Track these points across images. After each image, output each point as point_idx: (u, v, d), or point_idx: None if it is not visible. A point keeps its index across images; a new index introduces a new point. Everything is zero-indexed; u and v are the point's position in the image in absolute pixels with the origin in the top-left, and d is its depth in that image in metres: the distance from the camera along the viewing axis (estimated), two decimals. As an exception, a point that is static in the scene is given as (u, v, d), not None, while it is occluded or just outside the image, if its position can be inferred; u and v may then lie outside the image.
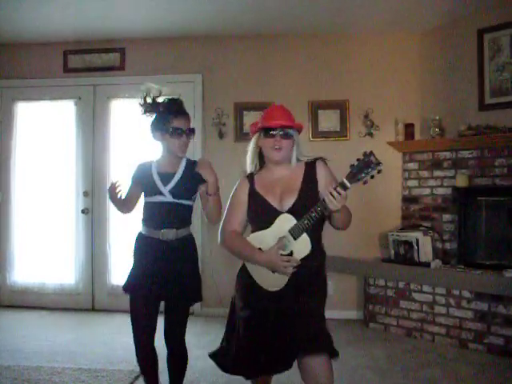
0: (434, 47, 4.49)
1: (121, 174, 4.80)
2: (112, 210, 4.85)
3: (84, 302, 4.87)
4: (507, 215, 3.92)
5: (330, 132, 4.65)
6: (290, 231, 2.03)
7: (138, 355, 2.54)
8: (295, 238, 2.03)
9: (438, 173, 4.26)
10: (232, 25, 4.52)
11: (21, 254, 4.99)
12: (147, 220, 2.43)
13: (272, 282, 2.10)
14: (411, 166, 4.44)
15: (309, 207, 1.99)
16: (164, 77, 4.82)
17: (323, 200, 1.93)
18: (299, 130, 2.24)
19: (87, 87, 4.94)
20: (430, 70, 4.52)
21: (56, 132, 4.98)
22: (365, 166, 1.85)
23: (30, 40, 4.85)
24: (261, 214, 2.15)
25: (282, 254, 2.04)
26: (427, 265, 3.95)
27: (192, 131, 2.44)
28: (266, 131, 2.18)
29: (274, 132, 2.15)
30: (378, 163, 1.84)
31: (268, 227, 2.09)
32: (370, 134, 4.57)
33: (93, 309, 4.85)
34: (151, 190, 2.42)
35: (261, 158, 2.29)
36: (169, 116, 2.38)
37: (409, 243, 4.09)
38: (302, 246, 2.04)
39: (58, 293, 4.90)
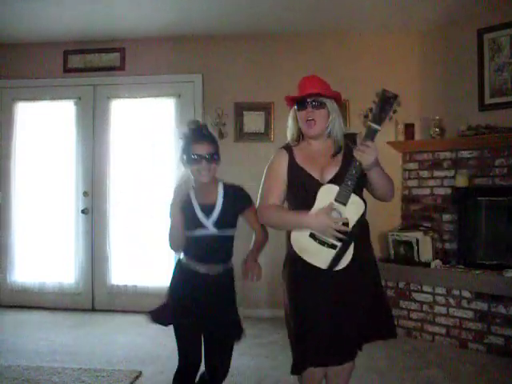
0: (434, 47, 4.49)
1: (121, 174, 4.87)
2: (112, 209, 4.86)
3: (84, 301, 4.87)
4: (507, 215, 3.92)
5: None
6: (336, 199, 1.92)
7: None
8: (345, 204, 1.92)
9: (437, 173, 4.26)
10: (232, 25, 4.52)
11: (21, 254, 4.99)
12: (188, 252, 2.26)
13: (323, 255, 1.97)
14: (411, 165, 4.44)
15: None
16: (164, 77, 4.84)
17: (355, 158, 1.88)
18: (336, 98, 2.08)
19: (87, 87, 4.93)
20: (430, 69, 4.52)
21: (56, 132, 4.97)
22: (385, 103, 1.84)
23: (30, 40, 4.85)
24: (303, 189, 2.03)
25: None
26: (427, 265, 3.95)
27: (213, 156, 2.23)
28: (299, 104, 2.07)
29: (305, 102, 2.03)
30: (395, 96, 1.83)
31: (311, 203, 1.95)
32: (370, 134, 4.57)
33: (93, 309, 4.85)
34: (194, 224, 2.21)
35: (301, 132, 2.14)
36: (189, 143, 2.26)
37: (409, 243, 4.09)
38: (355, 208, 1.94)
39: (58, 293, 4.89)
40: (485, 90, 4.08)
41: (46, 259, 4.95)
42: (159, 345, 3.76)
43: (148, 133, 4.87)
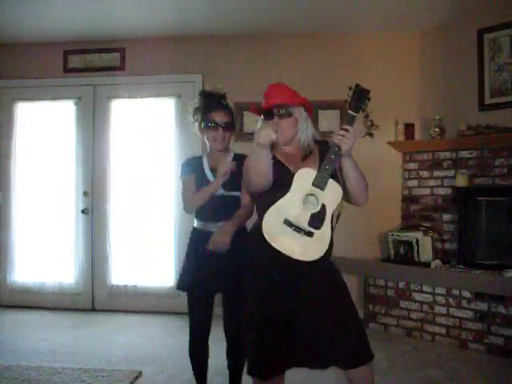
0: (434, 47, 4.49)
1: (121, 175, 4.87)
2: (112, 209, 4.86)
3: (84, 301, 4.87)
4: (507, 215, 3.92)
5: (330, 132, 4.62)
6: (314, 184, 1.89)
7: (191, 349, 2.59)
8: (323, 189, 1.88)
9: (438, 173, 4.26)
10: (232, 25, 4.52)
11: (21, 254, 4.99)
12: (200, 213, 2.45)
13: (296, 243, 1.90)
14: (411, 165, 4.44)
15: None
16: (164, 77, 4.83)
17: (334, 143, 1.89)
18: (303, 105, 2.06)
19: (87, 87, 4.93)
20: (430, 69, 4.52)
21: (56, 132, 4.97)
22: (359, 95, 1.91)
23: (30, 40, 4.85)
24: (280, 179, 1.96)
25: (313, 213, 1.89)
26: (427, 265, 3.95)
27: (229, 125, 2.46)
28: (265, 114, 2.07)
29: (272, 112, 2.03)
30: (368, 91, 1.92)
31: (287, 191, 1.91)
32: (370, 134, 4.57)
33: (93, 309, 4.85)
34: (203, 185, 2.42)
35: None
36: (206, 109, 2.43)
37: (409, 243, 4.09)
38: (334, 193, 1.91)
39: (58, 293, 4.89)
40: (485, 90, 4.08)
41: (46, 259, 4.95)
42: (159, 345, 3.77)
43: (148, 133, 4.87)
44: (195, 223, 2.50)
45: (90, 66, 4.93)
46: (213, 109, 2.43)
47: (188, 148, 4.79)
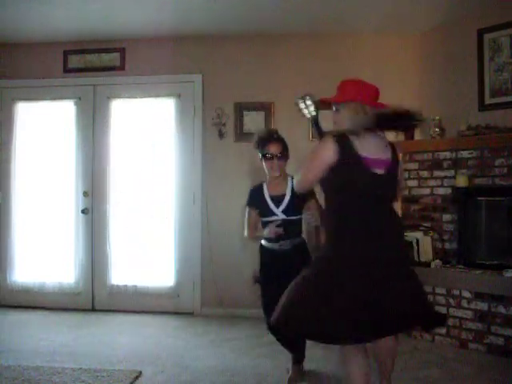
0: (434, 47, 4.49)
1: (120, 175, 4.87)
2: (112, 209, 4.87)
3: (84, 301, 4.87)
4: (507, 215, 3.91)
5: (331, 132, 4.63)
6: None
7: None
8: None
9: (438, 173, 4.26)
10: (232, 25, 4.52)
11: (21, 254, 4.98)
12: (266, 236, 2.95)
13: None
14: (411, 166, 4.43)
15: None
16: (164, 77, 4.84)
17: None
18: (344, 101, 2.40)
19: (87, 87, 4.93)
20: (430, 70, 4.52)
21: (56, 132, 4.97)
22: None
23: (30, 40, 4.85)
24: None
25: None
26: (427, 265, 3.95)
27: (282, 155, 2.93)
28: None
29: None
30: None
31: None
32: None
33: (93, 309, 4.85)
34: (267, 212, 2.95)
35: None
36: (263, 143, 2.93)
37: (409, 243, 4.09)
38: None
39: (58, 292, 4.89)
40: (485, 90, 4.08)
41: (46, 259, 4.95)
42: (159, 345, 3.77)
43: (148, 133, 4.87)
44: (262, 241, 3.01)
45: (89, 66, 4.93)
46: (268, 142, 2.93)
47: (188, 148, 4.80)
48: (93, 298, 4.88)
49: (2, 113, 5.00)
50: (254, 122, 4.69)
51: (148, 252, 4.83)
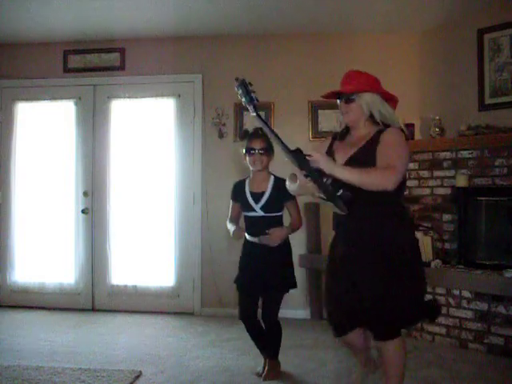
0: (434, 47, 4.49)
1: (120, 174, 4.87)
2: (112, 209, 4.87)
3: (84, 301, 4.87)
4: (507, 215, 3.91)
5: (331, 132, 4.63)
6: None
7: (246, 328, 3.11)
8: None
9: (438, 173, 4.25)
10: (232, 25, 4.52)
11: (21, 254, 4.99)
12: (247, 229, 3.04)
13: None
14: (411, 166, 4.42)
15: (362, 163, 2.13)
16: (164, 77, 4.84)
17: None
18: (369, 90, 2.33)
19: (87, 87, 4.94)
20: (430, 69, 4.52)
21: (56, 132, 4.97)
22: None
23: (30, 40, 4.85)
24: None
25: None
26: (427, 265, 3.94)
27: (264, 149, 2.97)
28: (338, 98, 2.33)
29: (340, 99, 2.32)
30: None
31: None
32: (370, 134, 4.57)
33: (93, 309, 4.85)
34: (246, 207, 3.01)
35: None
36: (248, 140, 3.02)
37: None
38: None
39: (58, 293, 4.90)
40: (485, 90, 4.08)
41: (46, 259, 4.95)
42: (159, 345, 3.77)
43: (148, 133, 4.87)
44: (246, 235, 3.05)
45: (89, 66, 4.93)
46: (251, 138, 3.01)
47: (188, 148, 4.80)
48: (93, 298, 4.88)
49: (1, 113, 5.00)
50: (254, 122, 4.68)
51: (148, 252, 4.83)
